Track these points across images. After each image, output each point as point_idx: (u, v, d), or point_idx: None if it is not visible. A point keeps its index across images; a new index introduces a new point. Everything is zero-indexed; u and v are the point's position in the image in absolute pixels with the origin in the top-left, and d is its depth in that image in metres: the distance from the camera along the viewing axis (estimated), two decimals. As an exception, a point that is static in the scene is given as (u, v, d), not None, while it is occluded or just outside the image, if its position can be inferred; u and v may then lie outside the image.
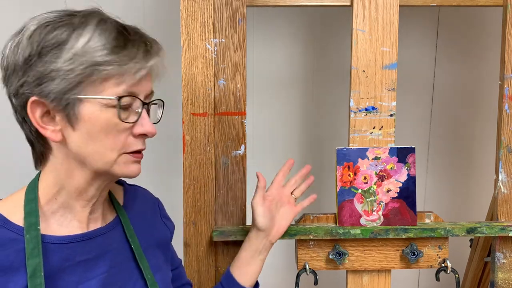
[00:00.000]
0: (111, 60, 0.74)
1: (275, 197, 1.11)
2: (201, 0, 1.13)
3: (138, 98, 0.79)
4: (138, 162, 0.82)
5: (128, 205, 0.95)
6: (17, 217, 0.79)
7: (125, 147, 0.79)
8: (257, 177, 1.09)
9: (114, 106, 0.76)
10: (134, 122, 0.79)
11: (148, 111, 0.82)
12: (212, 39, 1.14)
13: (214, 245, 1.20)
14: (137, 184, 1.03)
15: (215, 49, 1.15)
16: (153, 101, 0.83)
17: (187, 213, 1.18)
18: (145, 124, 0.80)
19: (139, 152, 0.82)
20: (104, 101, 0.75)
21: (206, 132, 1.16)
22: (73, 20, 0.77)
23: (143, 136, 0.81)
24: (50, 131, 0.77)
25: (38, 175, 0.83)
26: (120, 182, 1.00)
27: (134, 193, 0.99)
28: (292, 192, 1.15)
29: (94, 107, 0.76)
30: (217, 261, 1.21)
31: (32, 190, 0.82)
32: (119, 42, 0.76)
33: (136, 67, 0.76)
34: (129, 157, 0.80)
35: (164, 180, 1.63)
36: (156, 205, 1.02)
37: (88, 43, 0.74)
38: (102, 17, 0.79)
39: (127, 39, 0.77)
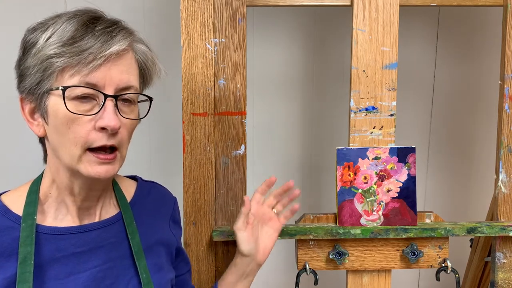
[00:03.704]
0: (61, 52, 0.75)
1: (256, 218, 1.08)
2: (201, 0, 1.13)
3: (97, 90, 0.76)
4: (106, 163, 0.79)
5: (137, 201, 0.95)
6: (18, 207, 0.83)
7: (88, 142, 0.77)
8: (244, 202, 1.05)
9: (74, 98, 0.76)
10: (92, 114, 0.76)
11: (116, 105, 0.78)
12: (212, 39, 1.14)
13: (214, 245, 1.20)
14: (155, 181, 1.03)
15: (215, 49, 1.15)
16: (121, 94, 0.79)
17: (187, 213, 1.18)
18: (104, 117, 0.76)
19: (105, 151, 0.78)
20: (59, 92, 0.76)
21: (206, 132, 1.16)
22: (52, 20, 0.78)
23: (106, 130, 0.77)
24: (35, 125, 0.82)
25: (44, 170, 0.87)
26: (136, 178, 1.00)
27: (148, 189, 0.99)
28: (273, 207, 1.11)
29: (56, 99, 0.76)
30: (217, 261, 1.21)
31: (36, 183, 0.85)
32: (76, 34, 0.76)
33: (90, 58, 0.75)
34: (94, 157, 0.78)
35: (164, 180, 1.63)
36: (171, 205, 1.02)
37: (49, 39, 0.76)
38: (78, 13, 0.79)
39: (89, 32, 0.76)
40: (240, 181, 1.19)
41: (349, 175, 1.18)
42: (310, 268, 1.20)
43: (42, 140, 0.86)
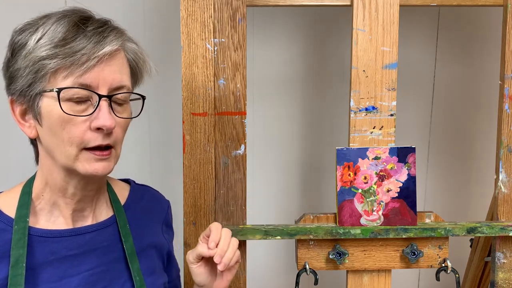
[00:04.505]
0: (53, 54, 0.74)
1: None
2: (201, 0, 1.13)
3: (91, 90, 0.76)
4: (104, 160, 0.79)
5: (130, 204, 0.95)
6: (10, 209, 0.82)
7: (84, 142, 0.77)
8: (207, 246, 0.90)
9: (68, 99, 0.75)
10: (86, 116, 0.76)
11: (110, 105, 0.78)
12: (212, 39, 1.14)
13: (214, 245, 1.20)
14: (148, 185, 1.03)
15: (215, 48, 1.15)
16: (115, 94, 0.79)
17: (187, 213, 1.18)
18: (100, 117, 0.76)
19: (101, 149, 0.78)
20: (53, 94, 0.76)
21: (206, 132, 1.16)
22: (40, 21, 0.78)
23: (101, 130, 0.77)
24: (26, 127, 0.81)
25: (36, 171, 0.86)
26: (128, 182, 1.00)
27: (141, 193, 0.99)
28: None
29: (50, 101, 0.76)
30: (217, 261, 1.21)
31: (28, 185, 0.84)
32: (68, 35, 0.75)
33: (83, 59, 0.75)
34: (90, 154, 0.78)
35: (164, 180, 1.63)
36: (165, 209, 1.02)
37: (39, 41, 0.75)
38: (67, 13, 0.78)
39: (80, 32, 0.76)
40: (240, 181, 1.19)
41: (349, 175, 1.18)
42: (310, 268, 1.20)
43: (33, 141, 0.85)
